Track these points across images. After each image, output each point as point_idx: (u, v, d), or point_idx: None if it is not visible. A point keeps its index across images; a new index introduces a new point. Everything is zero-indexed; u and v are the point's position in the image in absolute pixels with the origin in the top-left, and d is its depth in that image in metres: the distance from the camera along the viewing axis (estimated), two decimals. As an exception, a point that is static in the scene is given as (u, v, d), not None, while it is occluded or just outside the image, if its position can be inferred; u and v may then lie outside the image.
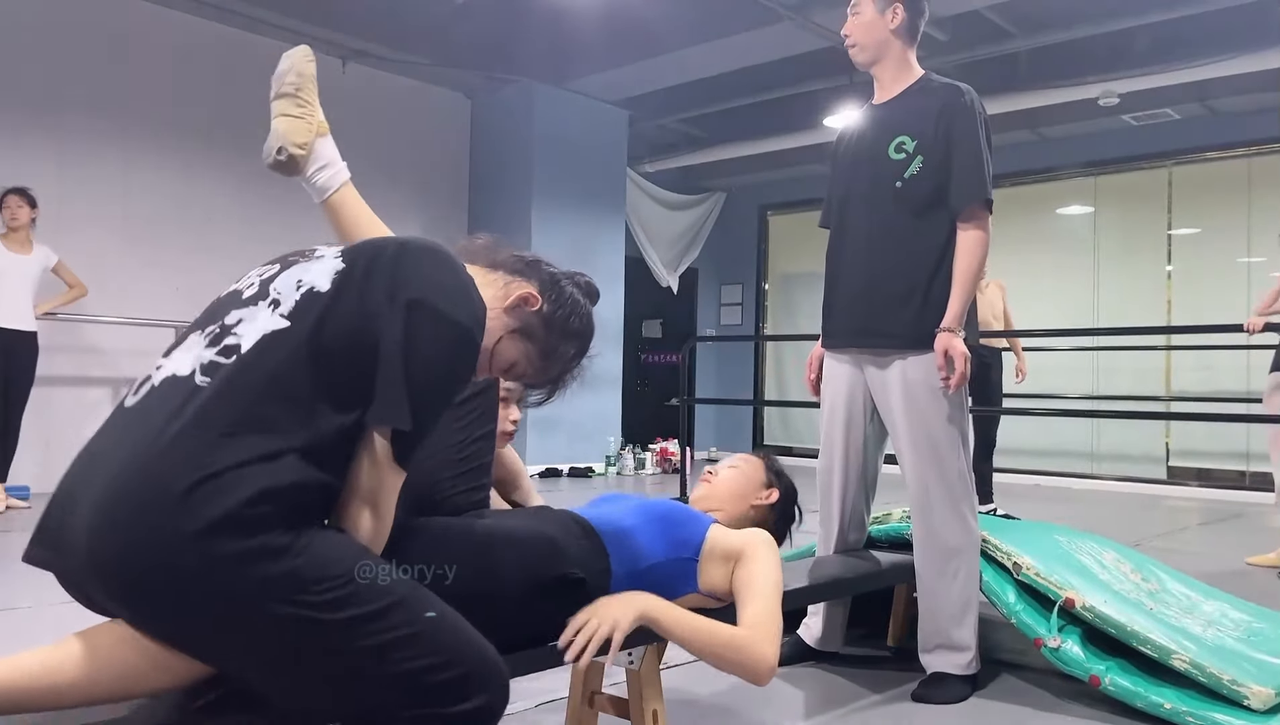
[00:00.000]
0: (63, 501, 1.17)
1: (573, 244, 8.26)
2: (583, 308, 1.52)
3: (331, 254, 1.31)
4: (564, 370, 1.52)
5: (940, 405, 2.45)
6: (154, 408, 1.18)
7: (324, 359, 1.20)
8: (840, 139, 2.75)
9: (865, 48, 2.58)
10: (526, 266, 1.48)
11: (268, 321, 1.23)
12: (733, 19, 6.58)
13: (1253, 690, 2.18)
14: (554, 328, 1.47)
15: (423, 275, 1.26)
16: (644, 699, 1.72)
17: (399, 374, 1.21)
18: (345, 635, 1.16)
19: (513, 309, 1.43)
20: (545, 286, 1.47)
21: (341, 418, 1.20)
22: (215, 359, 1.20)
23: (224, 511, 1.09)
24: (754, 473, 2.09)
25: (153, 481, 1.10)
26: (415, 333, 1.22)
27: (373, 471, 1.23)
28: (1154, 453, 8.19)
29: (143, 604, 1.13)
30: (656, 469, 8.79)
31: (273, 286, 1.28)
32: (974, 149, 2.45)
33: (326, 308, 1.23)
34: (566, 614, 1.61)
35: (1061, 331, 8.01)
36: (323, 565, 1.15)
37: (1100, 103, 7.23)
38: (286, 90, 1.71)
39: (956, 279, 2.45)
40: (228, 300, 1.31)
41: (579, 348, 1.52)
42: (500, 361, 1.45)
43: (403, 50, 7.35)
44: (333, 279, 1.25)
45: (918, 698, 2.42)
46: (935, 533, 2.47)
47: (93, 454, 1.19)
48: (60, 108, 6.10)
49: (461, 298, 1.28)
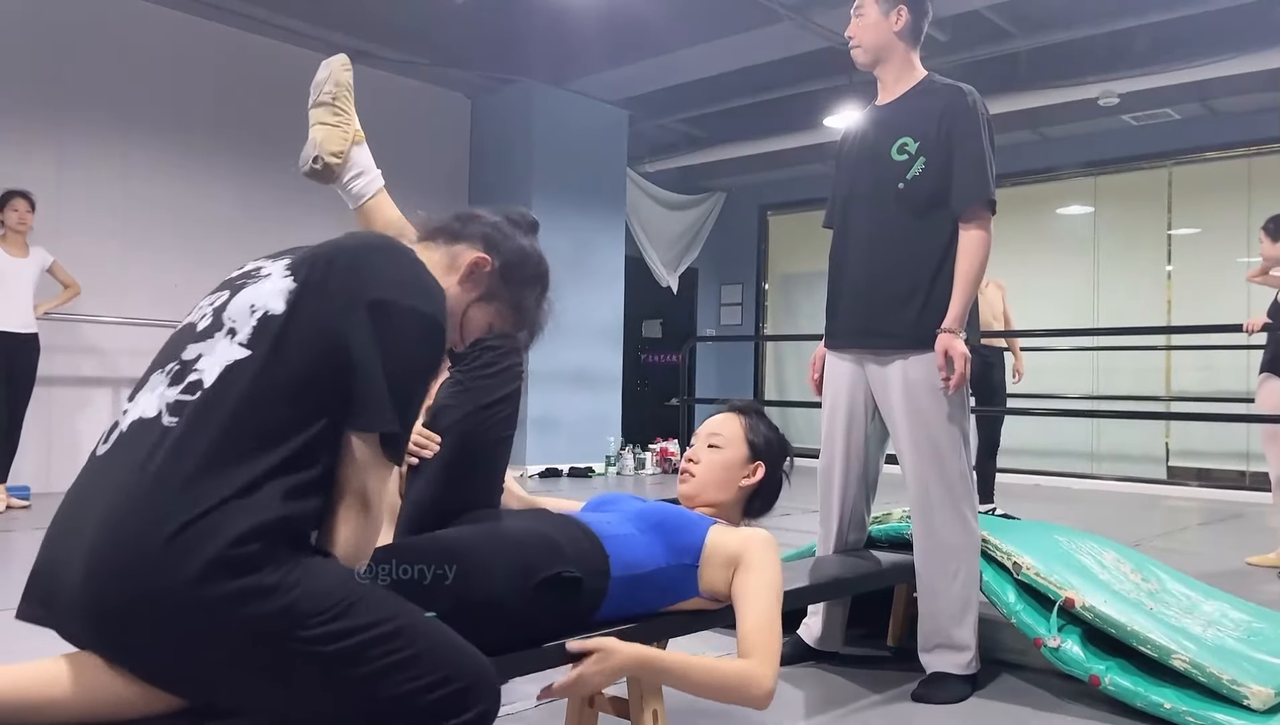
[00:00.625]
0: (51, 559, 1.17)
1: (573, 244, 8.27)
2: (531, 251, 1.50)
3: (279, 272, 1.29)
4: (536, 314, 1.52)
5: (941, 405, 2.45)
6: (126, 455, 1.17)
7: (290, 380, 1.19)
8: (844, 139, 2.75)
9: (869, 49, 2.58)
10: (465, 227, 1.46)
11: (227, 352, 1.21)
12: (733, 19, 6.58)
13: (1252, 690, 2.18)
14: (512, 281, 1.46)
15: (378, 275, 1.26)
16: (644, 699, 1.72)
17: (378, 377, 1.21)
18: (344, 665, 1.16)
19: (467, 278, 1.43)
20: (490, 243, 1.45)
21: (314, 430, 1.19)
22: (180, 398, 1.19)
23: (212, 554, 1.09)
24: (734, 452, 1.98)
25: (137, 532, 1.10)
26: (383, 334, 1.22)
27: (361, 473, 1.23)
28: (1154, 453, 8.19)
29: (143, 654, 1.13)
30: (656, 469, 8.79)
31: (226, 315, 1.26)
32: (976, 150, 2.45)
33: (284, 329, 1.21)
34: (566, 614, 1.61)
35: (1061, 331, 8.01)
36: (316, 598, 1.15)
37: (1100, 103, 7.24)
38: (324, 99, 1.72)
39: (958, 280, 2.45)
40: (184, 335, 1.29)
41: (541, 288, 1.51)
42: (472, 330, 1.46)
43: (403, 50, 7.35)
44: (286, 298, 1.24)
45: (918, 698, 2.42)
46: (935, 533, 2.47)
47: (74, 508, 1.19)
48: (60, 108, 6.10)
49: (419, 288, 1.29)
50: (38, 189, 5.48)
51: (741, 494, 1.98)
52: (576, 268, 8.33)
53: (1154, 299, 8.24)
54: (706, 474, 1.97)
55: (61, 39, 6.11)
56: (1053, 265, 8.64)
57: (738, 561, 1.75)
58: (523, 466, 7.74)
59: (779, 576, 1.74)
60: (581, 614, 1.64)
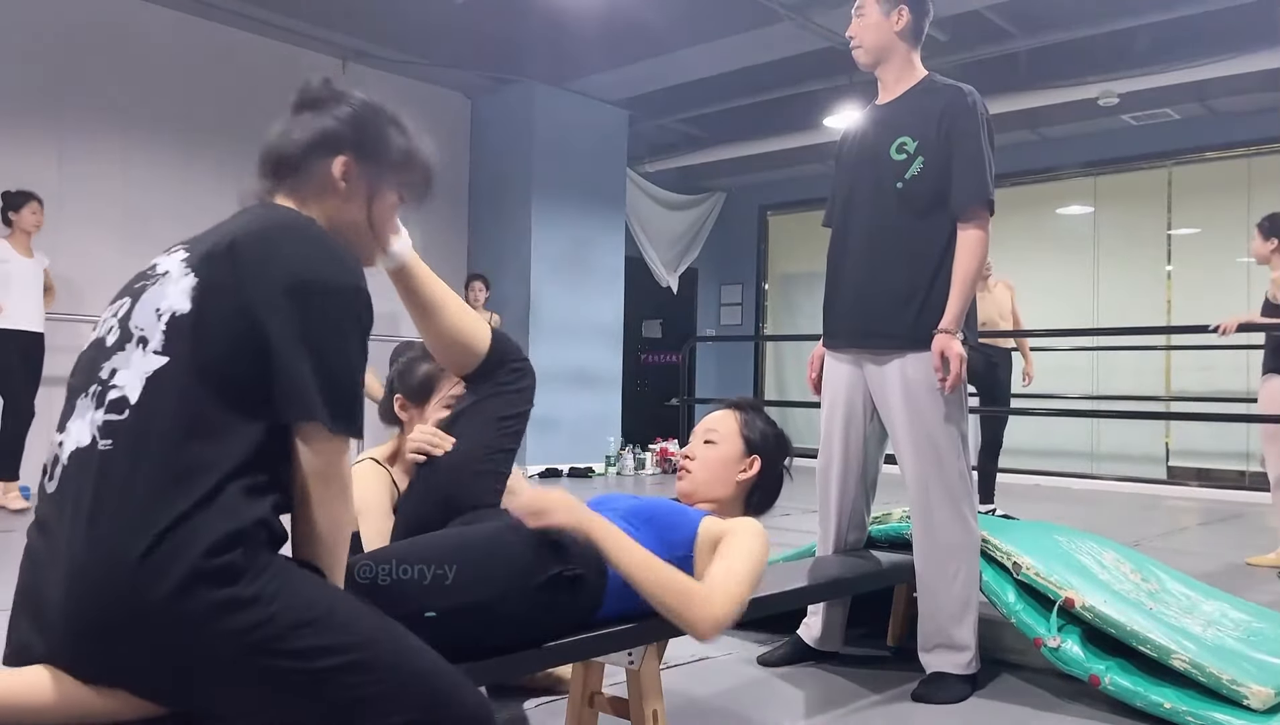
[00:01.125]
0: (27, 607, 1.17)
1: (573, 244, 8.27)
2: (362, 109, 1.39)
3: (178, 270, 1.24)
4: (419, 156, 1.45)
5: (939, 405, 2.45)
6: (73, 489, 1.15)
7: (217, 379, 1.17)
8: (844, 139, 2.75)
9: (870, 49, 2.57)
10: (310, 145, 1.35)
11: (143, 363, 1.18)
12: (733, 19, 6.58)
13: (1252, 690, 2.18)
14: (378, 155, 1.39)
15: (285, 256, 1.22)
16: (644, 699, 1.72)
17: (301, 366, 1.18)
18: (325, 673, 1.17)
19: (350, 193, 1.37)
20: (329, 142, 1.35)
21: (258, 425, 1.18)
22: (108, 419, 1.16)
23: (186, 569, 1.09)
24: (729, 447, 1.98)
25: (106, 563, 1.09)
26: (305, 317, 1.20)
27: (316, 458, 1.22)
28: (1154, 453, 8.19)
29: (127, 674, 1.14)
30: (656, 469, 8.79)
31: (132, 323, 1.22)
32: (975, 149, 2.44)
33: (196, 328, 1.18)
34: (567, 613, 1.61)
35: (1061, 331, 8.01)
36: (298, 609, 1.15)
37: (1100, 103, 7.24)
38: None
39: (955, 280, 2.44)
40: (95, 353, 1.24)
41: (400, 131, 1.42)
42: (385, 217, 1.42)
43: (403, 50, 7.35)
44: (191, 297, 1.20)
45: (918, 697, 2.42)
46: (935, 533, 2.47)
47: (38, 552, 1.18)
48: (60, 108, 6.10)
49: (328, 257, 1.25)
50: (38, 189, 5.50)
51: (740, 489, 1.98)
52: (576, 268, 8.33)
53: (1154, 299, 8.24)
54: (702, 470, 1.97)
55: (62, 39, 6.10)
56: (1052, 265, 8.63)
57: (722, 540, 1.74)
58: (523, 466, 7.74)
59: (759, 549, 1.71)
60: (583, 613, 1.64)
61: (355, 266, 1.29)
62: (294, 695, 1.17)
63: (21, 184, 5.46)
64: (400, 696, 1.21)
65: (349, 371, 1.24)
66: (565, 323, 8.24)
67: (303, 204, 1.36)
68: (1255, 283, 7.60)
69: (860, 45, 2.58)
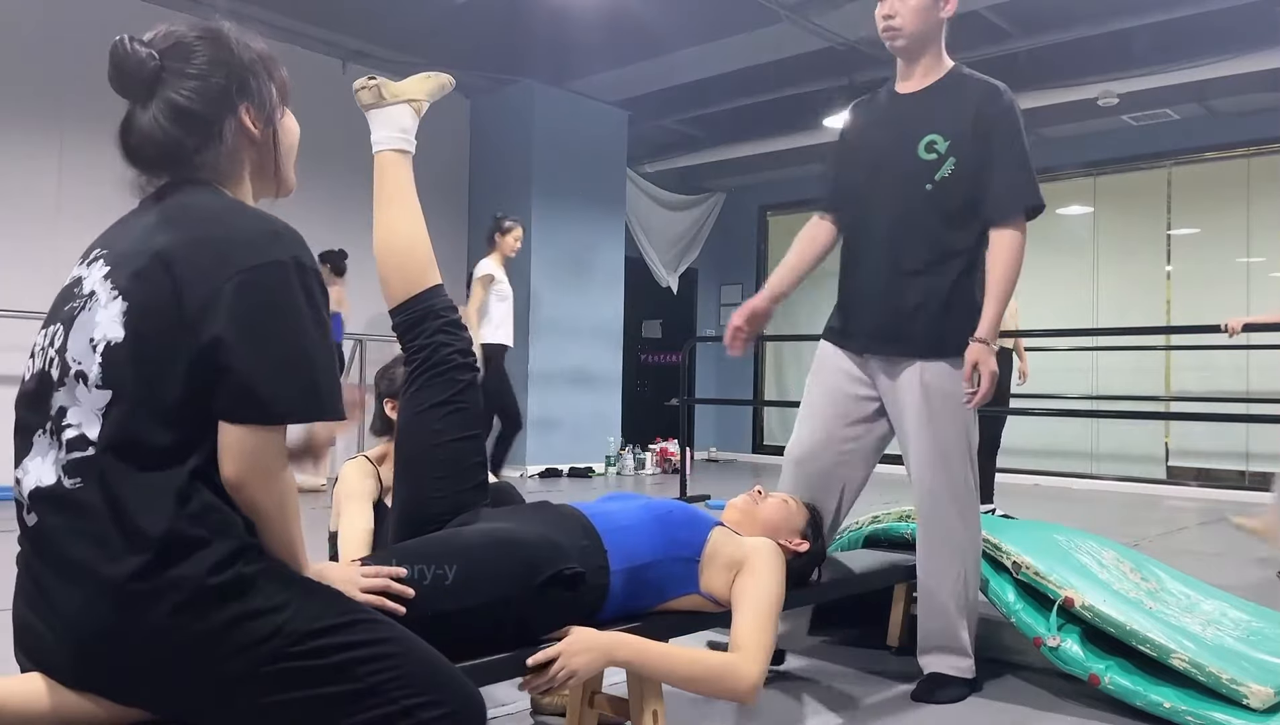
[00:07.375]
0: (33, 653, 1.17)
1: (573, 244, 8.27)
2: (204, 53, 1.30)
3: (105, 292, 1.18)
4: (266, 54, 1.35)
5: (955, 413, 2.37)
6: (51, 530, 1.14)
7: (171, 400, 1.13)
8: (855, 122, 2.59)
9: (910, 34, 2.36)
10: (210, 115, 1.27)
11: (90, 399, 1.14)
12: (732, 20, 6.58)
13: (1252, 689, 2.18)
14: (257, 78, 1.31)
15: (219, 256, 1.16)
16: (644, 699, 1.72)
17: (255, 362, 1.14)
18: (337, 682, 1.17)
19: (250, 140, 1.31)
20: (215, 101, 1.27)
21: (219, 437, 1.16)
22: (71, 457, 1.14)
23: (191, 589, 1.10)
24: (796, 517, 2.12)
25: (108, 595, 1.09)
26: (250, 311, 1.15)
27: (265, 445, 1.16)
28: (1154, 453, 8.19)
29: (150, 700, 1.15)
30: (656, 469, 8.79)
31: (69, 356, 1.17)
32: (1020, 153, 2.33)
33: (136, 356, 1.14)
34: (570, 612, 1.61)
35: (1061, 331, 8.00)
36: (308, 618, 1.16)
37: (1100, 103, 7.24)
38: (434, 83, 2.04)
39: (992, 286, 2.32)
40: (39, 387, 1.20)
41: (236, 43, 1.31)
42: (290, 154, 1.40)
43: (403, 50, 7.34)
44: (124, 323, 1.15)
45: (917, 698, 2.42)
46: (937, 534, 2.45)
47: (29, 589, 1.16)
48: (60, 108, 6.10)
49: (260, 239, 1.20)
50: (38, 189, 5.49)
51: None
52: (576, 268, 8.33)
53: (1153, 299, 8.24)
54: (765, 511, 2.08)
55: (62, 39, 6.10)
56: (1052, 265, 8.63)
57: (740, 566, 1.76)
58: (523, 466, 7.75)
59: (780, 585, 1.76)
60: (585, 612, 1.65)
61: (289, 239, 1.22)
62: (303, 700, 1.17)
63: (21, 184, 5.44)
64: (407, 682, 1.22)
65: (303, 354, 1.17)
66: (565, 323, 8.24)
67: (217, 174, 1.29)
68: (1255, 283, 7.61)
69: (899, 28, 2.35)
